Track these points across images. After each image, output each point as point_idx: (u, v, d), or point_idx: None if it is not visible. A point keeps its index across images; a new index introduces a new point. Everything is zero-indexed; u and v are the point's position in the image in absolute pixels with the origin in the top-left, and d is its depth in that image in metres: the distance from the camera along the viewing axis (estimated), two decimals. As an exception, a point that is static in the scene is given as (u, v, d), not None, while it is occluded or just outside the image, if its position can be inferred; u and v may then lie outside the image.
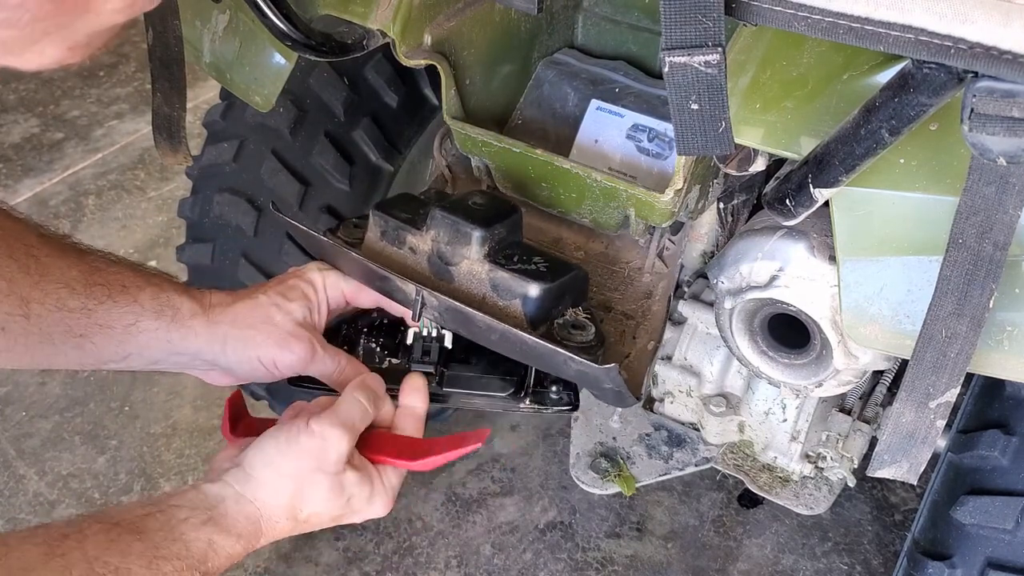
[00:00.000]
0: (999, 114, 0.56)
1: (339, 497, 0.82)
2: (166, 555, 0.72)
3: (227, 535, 0.76)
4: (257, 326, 0.90)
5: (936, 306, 0.70)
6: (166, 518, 0.74)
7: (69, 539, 0.69)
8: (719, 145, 0.70)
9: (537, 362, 0.90)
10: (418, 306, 0.89)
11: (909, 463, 0.81)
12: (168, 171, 2.68)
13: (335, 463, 0.80)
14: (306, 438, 0.80)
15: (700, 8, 0.61)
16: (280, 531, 0.81)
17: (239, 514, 0.78)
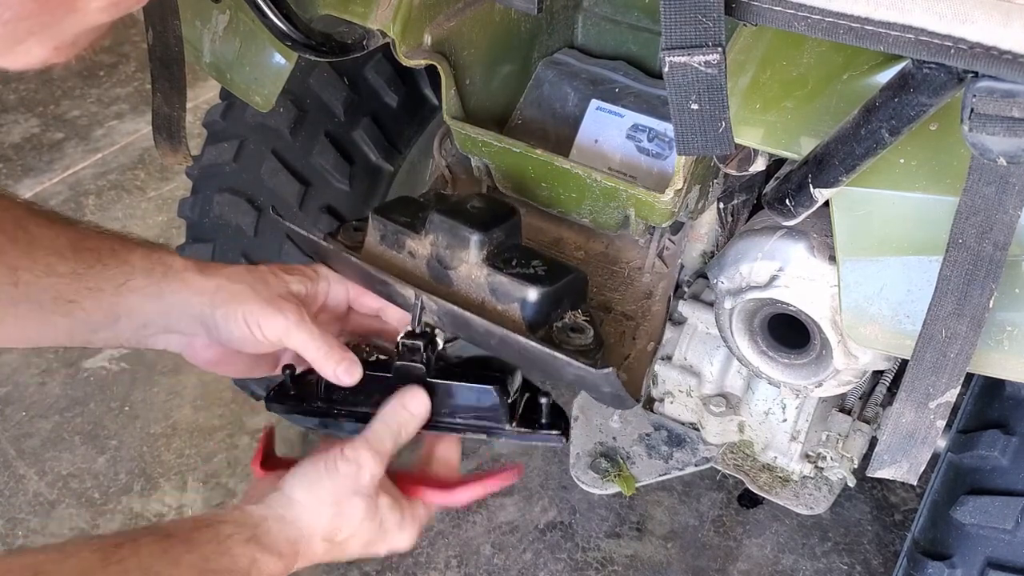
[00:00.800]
0: (999, 114, 0.56)
1: (373, 520, 0.84)
2: (215, 568, 0.75)
3: (269, 554, 0.78)
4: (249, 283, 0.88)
5: (936, 306, 0.70)
6: (213, 533, 0.76)
7: (124, 548, 0.71)
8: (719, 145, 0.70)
9: (535, 367, 0.89)
10: (418, 310, 0.89)
11: (909, 463, 0.81)
12: (168, 171, 2.68)
13: (369, 486, 0.83)
14: (342, 464, 0.82)
15: (700, 8, 0.61)
16: (316, 554, 0.83)
17: (280, 534, 0.80)
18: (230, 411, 1.96)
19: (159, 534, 0.74)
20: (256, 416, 1.94)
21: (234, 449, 1.88)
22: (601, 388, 0.86)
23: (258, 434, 1.91)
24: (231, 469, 1.85)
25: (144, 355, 2.10)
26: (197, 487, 1.81)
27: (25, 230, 0.85)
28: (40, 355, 2.10)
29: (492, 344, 0.88)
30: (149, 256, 0.88)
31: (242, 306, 0.87)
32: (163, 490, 1.80)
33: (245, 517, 0.79)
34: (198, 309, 0.88)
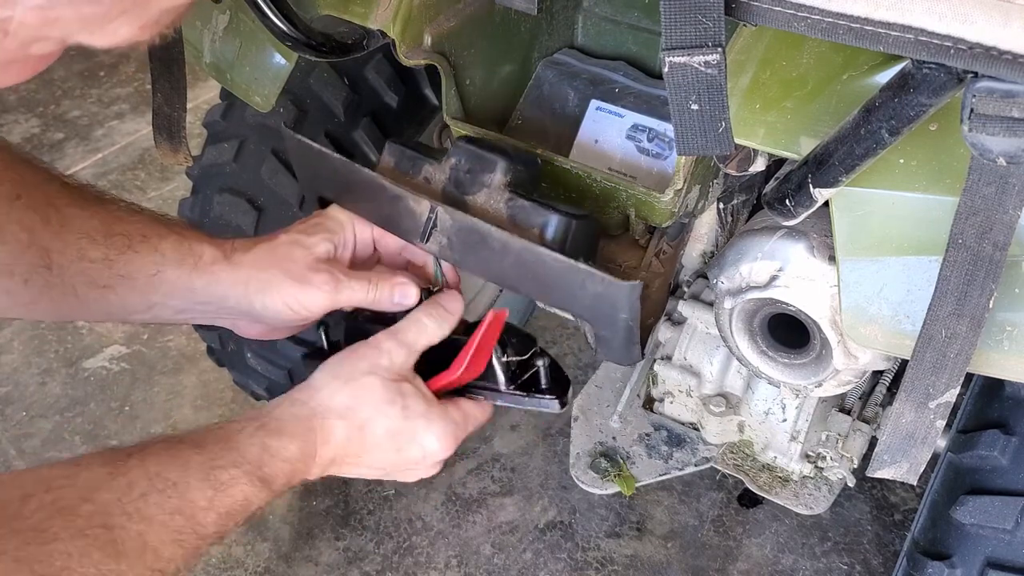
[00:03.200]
0: (999, 114, 0.56)
1: (393, 403, 0.82)
2: (222, 464, 0.75)
3: (279, 436, 0.78)
4: (277, 265, 0.87)
5: (936, 306, 0.70)
6: (223, 432, 0.77)
7: (132, 457, 0.72)
8: (719, 145, 0.70)
9: (551, 290, 0.85)
10: (429, 225, 0.86)
11: (909, 463, 0.81)
12: (168, 171, 2.68)
13: (387, 368, 0.82)
14: (362, 347, 0.83)
15: (700, 8, 0.61)
16: (337, 436, 0.81)
17: (291, 416, 0.80)
18: (230, 411, 1.96)
19: (170, 440, 0.75)
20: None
21: (234, 449, 1.88)
22: (619, 313, 0.82)
23: (258, 434, 1.91)
24: (231, 469, 1.85)
25: (144, 355, 2.10)
26: (197, 487, 1.81)
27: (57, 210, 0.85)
28: (40, 355, 2.10)
29: (506, 265, 0.85)
30: (179, 246, 0.88)
31: (278, 292, 0.86)
32: (163, 490, 1.80)
33: (257, 411, 0.80)
34: (234, 301, 0.88)
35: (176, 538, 0.71)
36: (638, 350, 0.85)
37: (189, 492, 0.72)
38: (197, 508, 0.72)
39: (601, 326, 0.87)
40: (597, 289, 0.81)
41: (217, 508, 0.74)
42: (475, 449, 1.84)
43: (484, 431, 1.88)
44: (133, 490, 0.70)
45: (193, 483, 0.73)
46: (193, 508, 0.72)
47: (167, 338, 2.14)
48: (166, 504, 0.71)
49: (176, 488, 0.71)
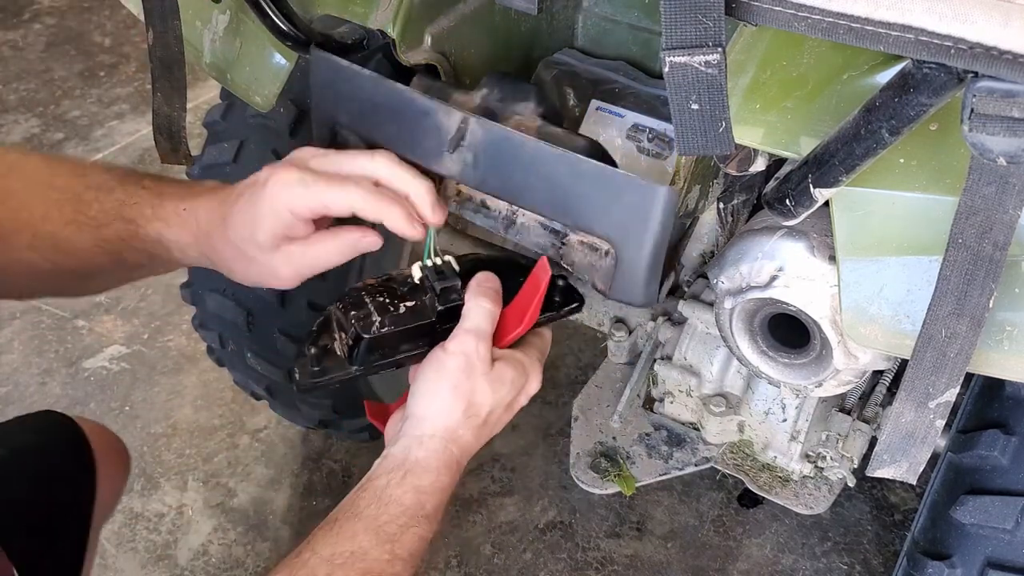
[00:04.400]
0: (999, 114, 0.56)
1: (503, 386, 0.86)
2: (386, 520, 0.77)
3: (427, 474, 0.81)
4: (242, 188, 0.85)
5: (936, 306, 0.70)
6: (372, 492, 0.79)
7: (303, 552, 0.75)
8: (719, 145, 0.70)
9: (580, 205, 0.84)
10: (455, 142, 0.85)
11: (908, 463, 0.81)
12: (168, 171, 2.67)
13: (482, 364, 0.84)
14: (449, 359, 0.84)
15: (700, 8, 0.61)
16: (471, 442, 0.85)
17: (429, 453, 0.82)
18: (230, 411, 1.96)
19: (328, 524, 0.78)
20: (256, 416, 1.94)
21: (234, 449, 1.89)
22: (650, 224, 0.80)
23: (259, 433, 1.91)
24: (231, 469, 1.85)
25: (144, 355, 2.10)
26: (197, 487, 1.82)
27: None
28: (40, 355, 2.10)
29: (535, 180, 0.84)
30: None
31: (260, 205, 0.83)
32: (163, 490, 1.80)
33: (391, 462, 0.82)
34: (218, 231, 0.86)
35: None
36: (656, 286, 0.84)
37: (369, 555, 0.75)
38: (383, 563, 0.76)
39: (627, 246, 0.86)
40: (631, 197, 0.80)
41: (399, 556, 0.77)
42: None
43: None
44: (318, 575, 0.73)
45: (368, 546, 0.76)
46: (379, 564, 0.75)
47: (167, 338, 2.14)
48: (353, 572, 0.74)
49: (355, 556, 0.75)
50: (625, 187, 0.81)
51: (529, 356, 0.90)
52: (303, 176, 0.82)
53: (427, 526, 0.80)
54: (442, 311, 0.87)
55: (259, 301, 1.34)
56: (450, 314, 0.87)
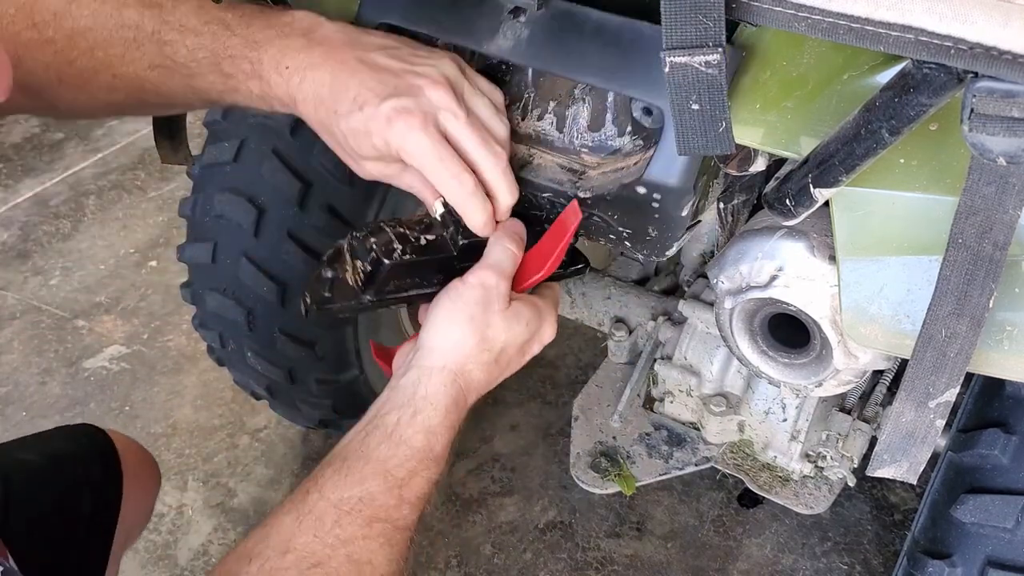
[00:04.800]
0: (999, 114, 0.56)
1: (518, 324, 0.85)
2: (395, 464, 0.77)
3: (436, 413, 0.80)
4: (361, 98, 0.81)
5: (936, 306, 0.70)
6: (382, 431, 0.78)
7: (311, 493, 0.74)
8: (719, 145, 0.70)
9: (641, 72, 0.82)
10: (509, 20, 0.85)
11: (909, 462, 0.81)
12: (168, 171, 2.68)
13: (500, 301, 0.83)
14: (468, 291, 0.83)
15: (700, 8, 0.61)
16: (480, 378, 0.84)
17: (437, 388, 0.81)
18: (230, 411, 1.96)
19: (336, 462, 0.77)
20: (256, 416, 1.94)
21: (234, 449, 1.89)
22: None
23: (259, 433, 1.91)
24: (231, 469, 1.85)
25: (144, 355, 2.10)
26: (197, 487, 1.82)
27: None
28: (40, 355, 2.10)
29: (593, 51, 0.83)
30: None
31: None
32: (163, 490, 1.80)
33: (399, 395, 0.81)
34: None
35: (383, 543, 0.74)
36: (696, 168, 0.84)
37: (376, 500, 0.75)
38: (390, 508, 0.75)
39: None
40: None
41: (407, 500, 0.76)
42: (475, 449, 1.84)
43: (484, 431, 1.88)
44: (324, 522, 0.72)
45: (376, 492, 0.75)
46: (387, 510, 0.75)
47: (167, 338, 2.14)
48: (360, 519, 0.74)
49: (363, 502, 0.74)
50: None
51: (546, 302, 0.89)
52: (428, 142, 0.80)
53: (435, 468, 0.79)
54: (464, 246, 0.86)
55: (259, 300, 1.34)
56: (470, 251, 0.86)
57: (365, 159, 0.85)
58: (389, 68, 0.83)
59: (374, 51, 0.84)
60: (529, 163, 0.94)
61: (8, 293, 2.28)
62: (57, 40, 0.81)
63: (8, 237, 2.47)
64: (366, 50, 0.84)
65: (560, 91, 0.93)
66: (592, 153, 0.93)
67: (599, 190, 0.90)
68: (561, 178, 0.93)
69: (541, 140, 0.95)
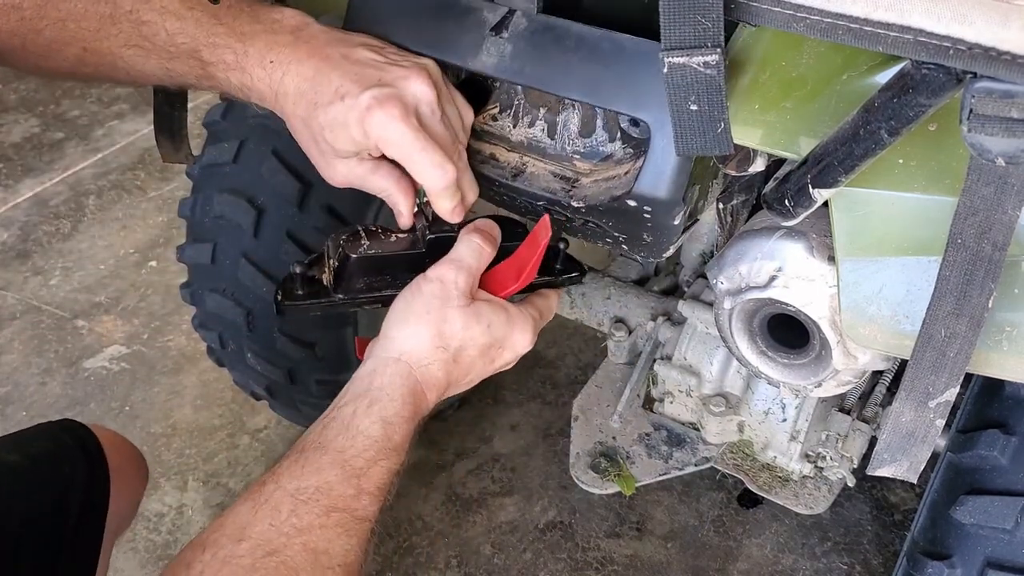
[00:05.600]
0: (998, 115, 0.56)
1: (477, 324, 0.83)
2: (353, 454, 0.76)
3: (391, 403, 0.79)
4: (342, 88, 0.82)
5: (935, 306, 0.70)
6: (339, 422, 0.78)
7: (267, 484, 0.73)
8: (718, 145, 0.70)
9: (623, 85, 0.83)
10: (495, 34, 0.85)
11: (909, 462, 0.81)
12: (168, 171, 2.68)
13: (459, 297, 0.83)
14: (426, 284, 0.83)
15: (699, 9, 0.61)
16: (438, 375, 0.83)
17: (393, 377, 0.80)
18: (230, 411, 1.96)
19: (295, 454, 0.76)
20: (256, 416, 1.94)
21: (234, 449, 1.89)
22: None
23: (259, 434, 1.91)
24: (231, 469, 1.85)
25: (144, 355, 2.10)
26: (197, 487, 1.82)
27: None
28: (40, 355, 2.10)
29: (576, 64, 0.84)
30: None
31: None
32: (163, 490, 1.80)
33: (358, 385, 0.80)
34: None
35: (340, 532, 0.73)
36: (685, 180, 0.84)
37: (334, 490, 0.73)
38: (348, 498, 0.74)
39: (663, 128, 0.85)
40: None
41: (367, 490, 0.75)
42: (475, 449, 1.84)
43: (484, 431, 1.88)
44: (281, 511, 0.71)
45: (334, 482, 0.74)
46: (345, 500, 0.74)
47: (167, 338, 2.14)
48: (316, 508, 0.72)
49: (320, 491, 0.73)
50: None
51: (522, 311, 0.88)
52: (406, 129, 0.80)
53: (395, 458, 0.78)
54: (431, 241, 0.86)
55: (259, 301, 1.34)
56: (440, 249, 0.86)
57: (338, 157, 0.84)
58: (373, 63, 0.83)
59: (359, 47, 0.84)
60: (522, 172, 0.94)
61: (8, 293, 2.28)
62: (24, 7, 0.79)
63: (8, 237, 2.47)
64: (351, 47, 0.84)
65: (550, 98, 0.94)
66: (584, 159, 0.93)
67: (592, 200, 0.90)
68: (555, 187, 0.93)
69: (533, 147, 0.95)
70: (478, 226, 0.87)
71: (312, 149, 0.86)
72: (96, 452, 1.09)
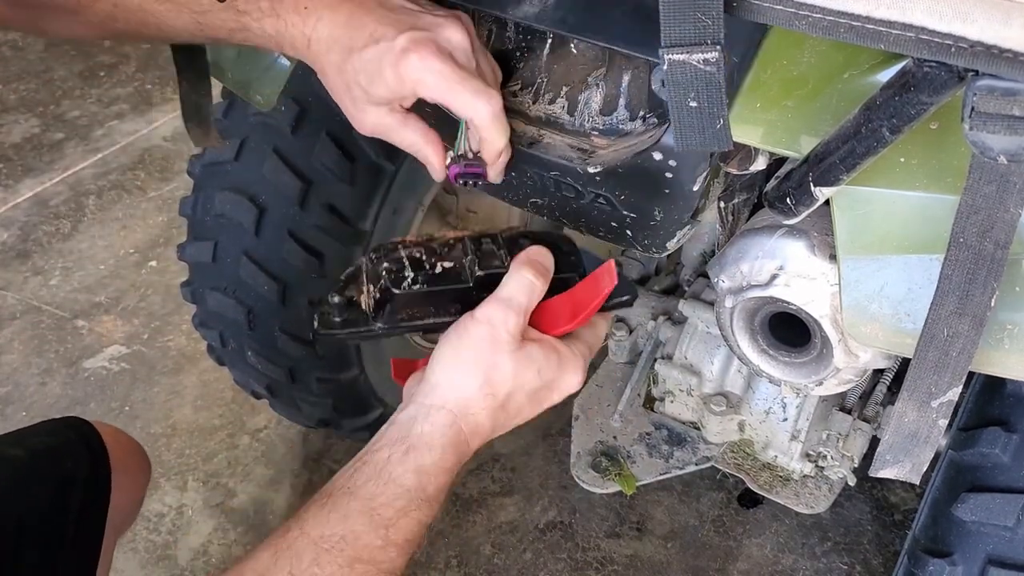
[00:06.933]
0: (1000, 112, 0.56)
1: (527, 370, 0.79)
2: (383, 502, 0.72)
3: (430, 452, 0.75)
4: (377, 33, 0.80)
5: (938, 305, 0.70)
6: (372, 467, 0.74)
7: (292, 529, 0.70)
8: (717, 142, 0.70)
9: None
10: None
11: (912, 463, 0.81)
12: (168, 171, 2.69)
13: (509, 341, 0.78)
14: (474, 327, 0.77)
15: (699, 6, 0.61)
16: (484, 423, 0.79)
17: (434, 427, 0.76)
18: (230, 411, 1.96)
19: (321, 499, 0.72)
20: (256, 416, 1.94)
21: (234, 449, 1.89)
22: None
23: (259, 433, 1.91)
24: (231, 469, 1.85)
25: (144, 355, 2.10)
26: (197, 487, 1.82)
27: None
28: (40, 355, 2.10)
29: (622, 11, 0.81)
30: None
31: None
32: (163, 490, 1.80)
33: (396, 431, 0.76)
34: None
35: None
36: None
37: (360, 540, 0.70)
38: (374, 549, 0.71)
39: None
40: None
41: (394, 541, 0.72)
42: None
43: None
44: (302, 559, 0.68)
45: (361, 531, 0.71)
46: (370, 551, 0.70)
47: (167, 338, 2.14)
48: (340, 559, 0.69)
49: (345, 540, 0.70)
50: None
51: (572, 349, 0.83)
52: (444, 66, 0.78)
53: (427, 510, 0.74)
54: (481, 277, 0.80)
55: (260, 299, 1.34)
56: (489, 282, 0.80)
57: (371, 103, 0.82)
58: (407, 10, 0.82)
59: None
60: (538, 141, 0.92)
61: (8, 293, 2.28)
62: None
63: (8, 237, 2.46)
64: None
65: (573, 78, 0.93)
66: (602, 136, 0.91)
67: (610, 164, 0.87)
68: (570, 155, 0.90)
69: (551, 123, 0.93)
70: (530, 257, 0.81)
71: (344, 97, 0.83)
72: (98, 447, 1.09)
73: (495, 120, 0.82)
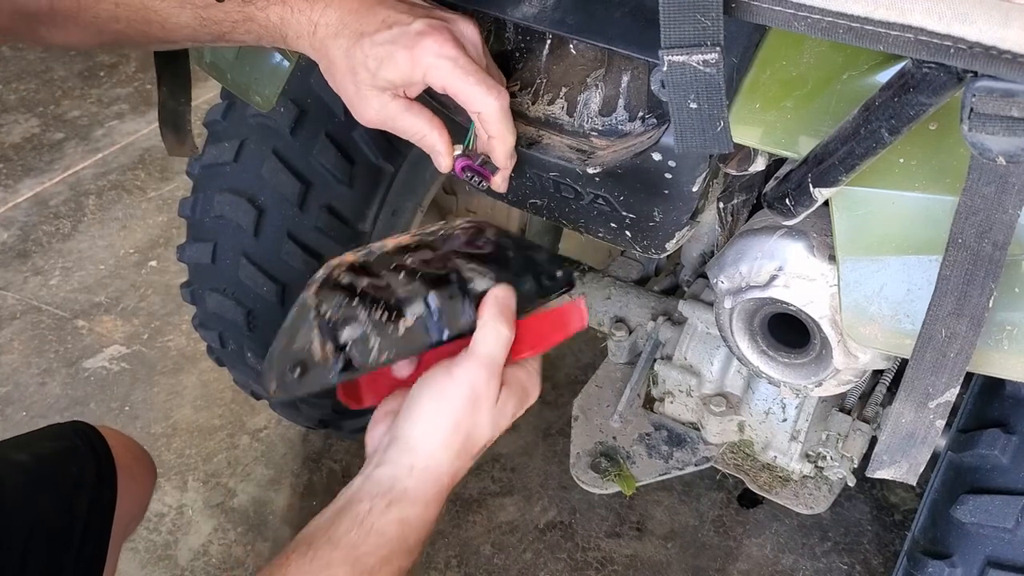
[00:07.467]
0: (998, 113, 0.56)
1: (503, 417, 0.79)
2: (365, 551, 0.72)
3: (414, 507, 0.75)
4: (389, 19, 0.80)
5: (936, 306, 0.70)
6: (351, 517, 0.73)
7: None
8: (717, 144, 0.70)
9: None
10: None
11: (909, 463, 0.81)
12: (168, 171, 2.69)
13: (489, 400, 0.77)
14: (454, 389, 0.75)
15: (699, 7, 0.61)
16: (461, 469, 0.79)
17: (418, 484, 0.75)
18: (230, 411, 1.96)
19: (303, 546, 0.72)
20: (256, 416, 1.94)
21: (234, 449, 1.89)
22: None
23: (259, 434, 1.91)
24: (231, 469, 1.85)
25: (144, 355, 2.10)
26: (197, 487, 1.82)
27: None
28: (40, 355, 2.10)
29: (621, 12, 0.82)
30: None
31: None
32: (163, 490, 1.80)
33: (375, 486, 0.75)
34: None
35: None
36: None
37: None
38: None
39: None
40: None
41: None
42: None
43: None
44: None
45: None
46: None
47: (167, 338, 2.14)
48: None
49: None
50: None
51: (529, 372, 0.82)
52: (459, 55, 0.78)
53: (407, 559, 0.74)
54: (449, 338, 0.77)
55: (259, 300, 1.34)
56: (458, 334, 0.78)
57: (376, 89, 0.81)
58: (418, 3, 0.82)
59: None
60: (537, 142, 0.93)
61: (8, 293, 2.28)
62: None
63: (8, 237, 2.47)
64: None
65: (572, 79, 0.93)
66: (602, 136, 0.92)
67: (609, 164, 0.87)
68: (569, 156, 0.91)
69: (550, 123, 0.93)
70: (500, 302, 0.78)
71: (348, 84, 0.82)
72: (104, 452, 1.09)
73: (505, 115, 0.81)
